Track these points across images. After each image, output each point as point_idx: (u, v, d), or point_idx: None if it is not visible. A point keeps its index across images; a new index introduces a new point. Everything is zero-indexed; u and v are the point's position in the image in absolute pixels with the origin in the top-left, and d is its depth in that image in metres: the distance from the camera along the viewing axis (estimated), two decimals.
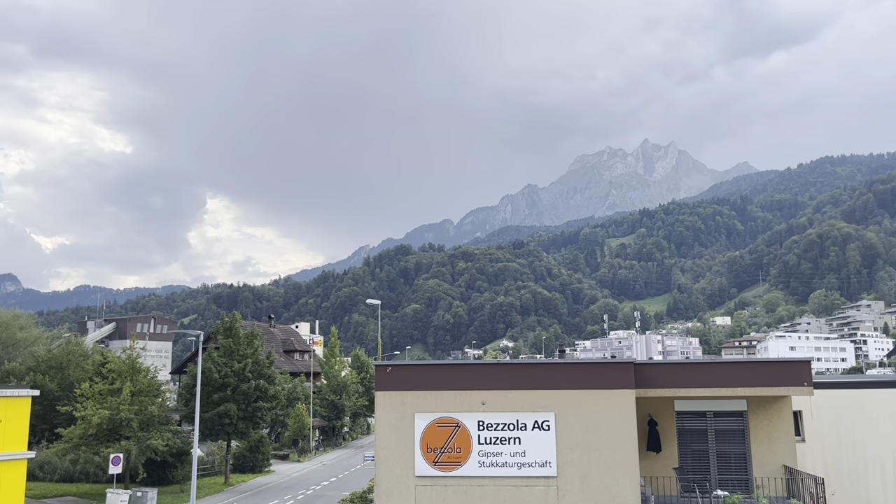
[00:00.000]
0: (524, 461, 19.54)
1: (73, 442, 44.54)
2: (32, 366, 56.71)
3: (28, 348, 62.03)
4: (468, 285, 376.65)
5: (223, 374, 50.11)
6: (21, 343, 62.32)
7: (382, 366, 20.92)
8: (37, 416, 44.88)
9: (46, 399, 48.79)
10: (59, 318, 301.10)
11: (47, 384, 51.91)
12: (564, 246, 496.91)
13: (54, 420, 50.34)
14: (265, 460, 59.69)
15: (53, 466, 52.35)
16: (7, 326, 62.73)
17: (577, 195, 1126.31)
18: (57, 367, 57.08)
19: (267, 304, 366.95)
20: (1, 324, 62.71)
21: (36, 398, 41.87)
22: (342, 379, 79.87)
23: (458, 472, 19.64)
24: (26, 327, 65.57)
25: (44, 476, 51.99)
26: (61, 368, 56.96)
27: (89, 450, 46.00)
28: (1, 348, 61.00)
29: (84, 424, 43.57)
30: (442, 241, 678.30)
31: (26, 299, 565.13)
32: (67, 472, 52.40)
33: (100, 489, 46.73)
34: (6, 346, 61.28)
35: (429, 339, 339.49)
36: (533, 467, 19.46)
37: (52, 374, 55.44)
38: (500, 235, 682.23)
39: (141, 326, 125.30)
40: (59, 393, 52.28)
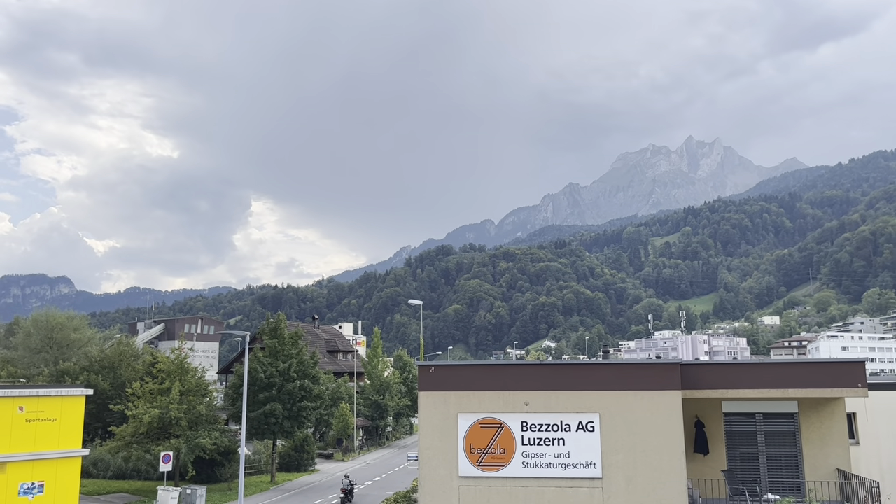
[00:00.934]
0: (568, 462, 19.38)
1: (125, 440, 45.70)
2: (86, 366, 58.42)
3: (82, 349, 63.85)
4: (510, 285, 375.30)
5: (269, 374, 50.82)
6: (75, 343, 64.18)
7: (425, 366, 20.97)
8: (90, 414, 46.19)
9: (99, 398, 50.17)
10: (111, 319, 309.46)
11: (100, 384, 53.40)
12: (607, 245, 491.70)
13: (107, 418, 51.76)
14: (310, 459, 60.37)
15: (107, 464, 53.68)
16: (62, 327, 64.70)
17: (619, 193, 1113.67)
18: (109, 366, 58.71)
19: (310, 305, 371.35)
20: (56, 325, 64.69)
21: (90, 397, 43.12)
22: (385, 379, 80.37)
23: (502, 473, 19.58)
24: (80, 328, 67.48)
25: (97, 473, 53.38)
26: (113, 368, 58.56)
27: (141, 448, 47.14)
28: (56, 349, 62.96)
29: (135, 423, 44.67)
30: (483, 241, 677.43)
31: (80, 301, 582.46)
32: (120, 470, 53.69)
33: (151, 486, 47.84)
34: (61, 347, 63.22)
35: (470, 340, 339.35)
36: (577, 468, 19.29)
37: (105, 374, 57.03)
38: (542, 235, 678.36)
39: (188, 327, 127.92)
40: (112, 392, 53.75)
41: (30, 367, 60.42)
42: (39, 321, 66.29)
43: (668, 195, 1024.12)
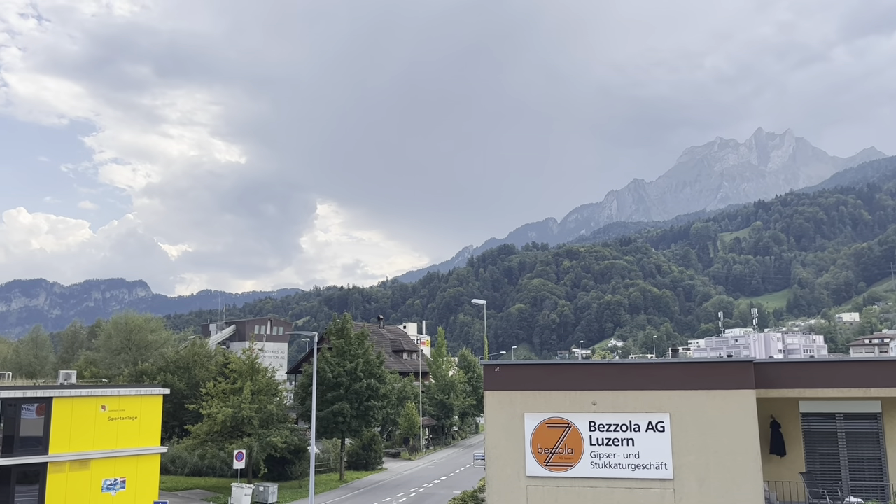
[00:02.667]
0: (638, 463, 19.05)
1: (200, 438, 47.21)
2: (163, 366, 60.69)
3: (158, 350, 66.37)
4: (574, 284, 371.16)
5: (336, 373, 51.68)
6: (152, 345, 66.76)
7: (490, 365, 20.94)
8: (168, 413, 47.88)
9: (176, 397, 52.03)
10: (185, 321, 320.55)
11: (176, 383, 55.38)
12: (674, 241, 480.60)
13: (183, 417, 53.60)
14: (377, 458, 61.11)
15: (183, 461, 55.55)
16: (140, 330, 67.40)
17: (686, 189, 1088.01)
18: (184, 367, 60.83)
19: (375, 306, 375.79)
20: (134, 327, 67.44)
21: (167, 396, 44.79)
22: (450, 378, 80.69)
23: (570, 473, 19.38)
24: (156, 330, 70.17)
25: (175, 470, 55.27)
26: (188, 369, 60.64)
27: (215, 446, 48.64)
28: (135, 350, 65.62)
29: (210, 422, 46.09)
30: (545, 239, 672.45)
31: (155, 304, 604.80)
32: (196, 467, 55.47)
33: (225, 483, 49.26)
34: (139, 348, 65.87)
35: (534, 339, 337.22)
36: (648, 469, 18.93)
37: (180, 374, 59.12)
38: (606, 232, 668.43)
39: (258, 328, 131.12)
40: (187, 392, 55.66)
41: (111, 368, 63.17)
42: (119, 324, 69.26)
43: (736, 189, 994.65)
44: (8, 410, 37.34)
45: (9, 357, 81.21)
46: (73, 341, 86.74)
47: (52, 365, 77.27)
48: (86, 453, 38.81)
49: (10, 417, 37.31)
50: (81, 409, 38.91)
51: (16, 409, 37.44)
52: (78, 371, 56.94)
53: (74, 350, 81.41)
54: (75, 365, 65.17)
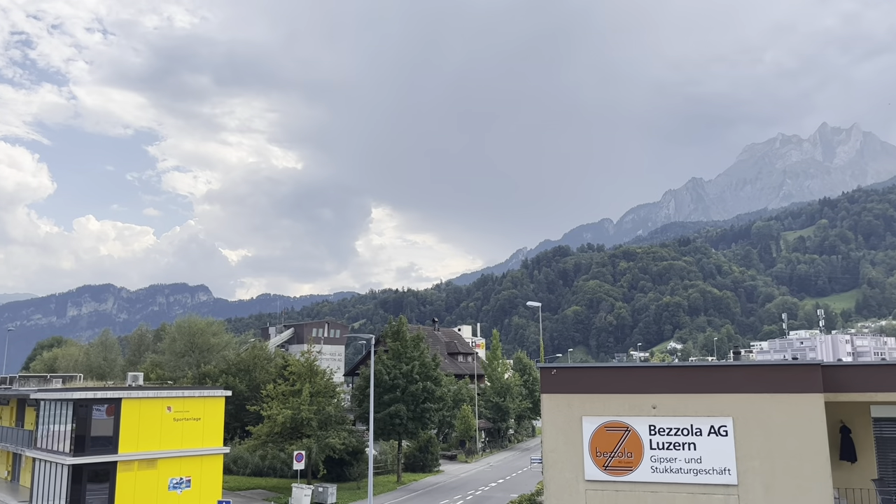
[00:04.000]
0: (700, 468, 18.61)
1: (261, 439, 48.17)
2: (224, 368, 62.16)
3: (220, 352, 67.97)
4: (631, 285, 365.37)
5: (392, 375, 52.06)
6: (214, 348, 68.42)
7: (547, 368, 20.77)
8: (229, 414, 49.03)
9: (237, 399, 53.21)
10: (245, 324, 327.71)
11: (237, 385, 56.65)
12: (735, 241, 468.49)
13: (244, 418, 54.79)
14: (434, 460, 61.28)
15: (245, 461, 56.75)
16: (202, 333, 69.16)
17: (746, 187, 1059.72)
18: (245, 369, 62.18)
19: (430, 308, 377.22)
20: (197, 330, 69.23)
21: (228, 398, 45.89)
22: (505, 381, 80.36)
23: (630, 478, 19.07)
24: (218, 333, 71.87)
25: (237, 470, 56.52)
26: (249, 371, 61.96)
27: (275, 447, 49.54)
28: (198, 352, 67.35)
29: (270, 423, 46.97)
30: (601, 240, 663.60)
31: (217, 308, 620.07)
32: (257, 467, 56.60)
33: (285, 483, 50.14)
34: (202, 351, 67.58)
35: (591, 342, 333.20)
36: (710, 474, 18.48)
37: (241, 377, 60.44)
38: (664, 233, 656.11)
39: (316, 331, 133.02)
40: (248, 393, 56.87)
41: (175, 370, 64.97)
42: (182, 327, 71.22)
43: (800, 186, 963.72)
44: (80, 411, 38.84)
45: (80, 359, 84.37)
46: (140, 344, 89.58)
47: (121, 367, 79.93)
48: (153, 453, 40.06)
49: (82, 418, 38.80)
50: (148, 409, 40.19)
51: (87, 410, 38.91)
52: (144, 373, 58.73)
53: (141, 353, 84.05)
54: (142, 367, 67.28)
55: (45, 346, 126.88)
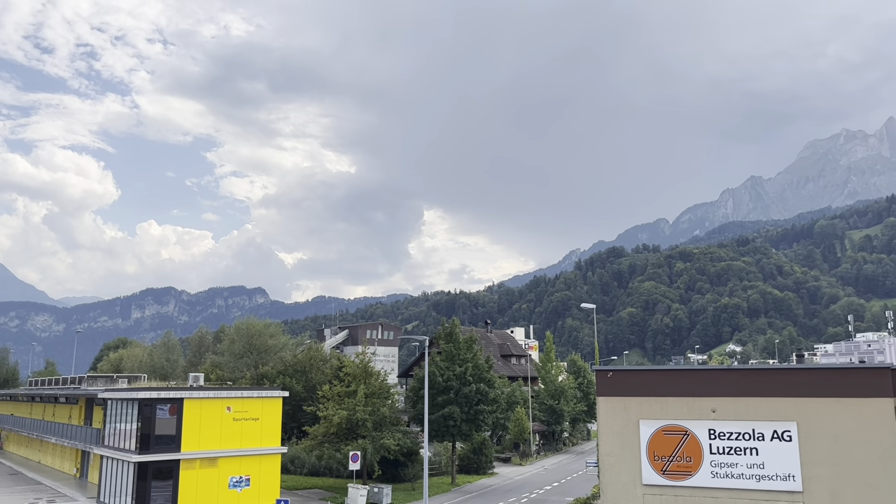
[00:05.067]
0: (763, 473, 18.13)
1: (317, 439, 48.83)
2: (282, 369, 63.27)
3: (277, 354, 69.25)
4: (688, 287, 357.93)
5: (446, 377, 52.15)
6: (272, 349, 69.75)
7: (603, 371, 20.55)
8: (287, 415, 49.82)
9: (294, 400, 54.06)
10: (301, 326, 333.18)
11: (294, 386, 57.56)
12: (796, 241, 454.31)
13: (301, 419, 55.64)
14: (488, 462, 61.16)
15: (302, 461, 57.63)
16: (260, 334, 70.60)
17: (808, 184, 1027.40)
18: (301, 370, 63.16)
19: (482, 310, 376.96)
20: (255, 332, 70.70)
21: (286, 399, 46.67)
22: (559, 384, 79.70)
23: (689, 483, 18.71)
24: (275, 335, 73.24)
25: (294, 469, 57.43)
26: (305, 372, 62.92)
27: (331, 447, 50.17)
28: (256, 354, 68.77)
29: (326, 423, 47.59)
30: (657, 241, 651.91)
31: (273, 310, 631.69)
32: (314, 467, 57.41)
33: (341, 483, 50.75)
34: (260, 352, 68.97)
35: (647, 344, 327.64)
36: (774, 481, 17.98)
37: (298, 378, 61.41)
38: (722, 232, 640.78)
39: (370, 333, 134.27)
40: (304, 394, 57.73)
41: (234, 371, 66.45)
42: (241, 329, 72.83)
43: (866, 183, 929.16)
44: (144, 410, 40.08)
45: (144, 360, 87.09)
46: (200, 345, 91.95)
47: (182, 368, 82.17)
48: (213, 452, 41.04)
49: (147, 417, 40.03)
50: (209, 409, 41.21)
51: (151, 410, 40.13)
52: (205, 374, 60.24)
53: (201, 354, 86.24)
54: (202, 368, 69.00)
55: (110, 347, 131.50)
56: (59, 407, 62.58)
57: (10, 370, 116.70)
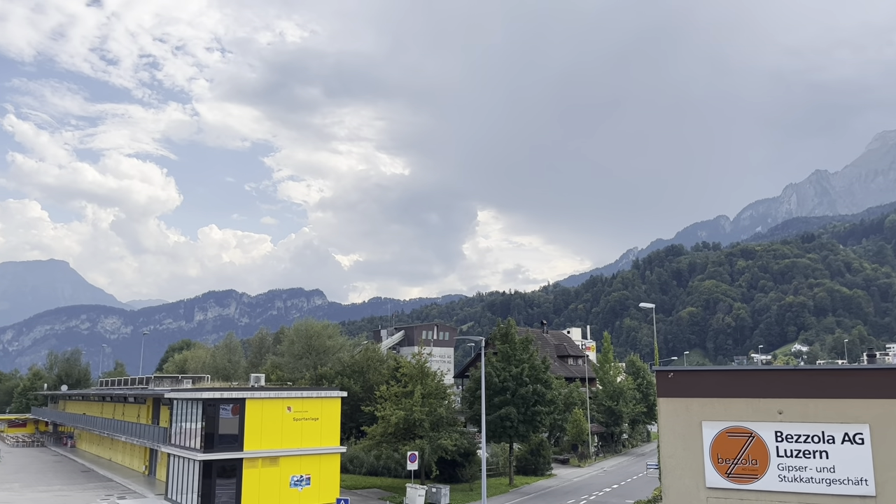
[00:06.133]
0: (833, 477, 17.48)
1: (375, 439, 49.31)
2: (340, 370, 64.15)
3: (335, 354, 70.25)
4: (750, 285, 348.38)
5: (502, 378, 51.99)
6: (330, 350, 70.80)
7: (663, 371, 20.15)
8: (345, 415, 50.46)
9: (352, 400, 54.76)
10: (357, 327, 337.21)
11: (352, 386, 58.29)
12: (865, 236, 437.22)
13: (359, 419, 56.30)
14: (546, 464, 60.72)
15: (361, 461, 58.25)
16: (318, 335, 71.75)
17: (878, 178, 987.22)
18: (359, 371, 63.90)
19: (538, 311, 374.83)
20: (313, 333, 71.88)
21: (344, 399, 47.29)
22: (618, 385, 78.56)
23: (755, 486, 18.17)
24: (333, 336, 74.32)
25: (353, 469, 58.09)
26: (362, 372, 63.64)
27: (389, 447, 50.60)
28: (314, 355, 69.90)
29: (384, 423, 48.00)
30: (717, 238, 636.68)
31: (331, 311, 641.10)
32: (372, 467, 57.96)
33: (400, 483, 51.10)
34: (318, 353, 70.09)
35: (708, 344, 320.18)
36: (845, 485, 17.32)
37: (356, 378, 62.16)
38: (785, 229, 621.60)
39: (426, 334, 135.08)
40: (362, 394, 58.41)
41: (294, 372, 67.69)
42: (300, 330, 74.17)
43: None
44: (208, 410, 41.16)
45: (207, 361, 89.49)
46: (261, 347, 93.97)
47: (244, 369, 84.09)
48: (275, 451, 41.87)
49: (211, 417, 41.10)
50: (270, 409, 42.06)
51: (215, 409, 41.18)
52: (265, 374, 61.55)
53: (262, 355, 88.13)
54: (263, 369, 70.49)
55: (175, 348, 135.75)
56: (128, 406, 64.82)
57: (83, 371, 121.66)
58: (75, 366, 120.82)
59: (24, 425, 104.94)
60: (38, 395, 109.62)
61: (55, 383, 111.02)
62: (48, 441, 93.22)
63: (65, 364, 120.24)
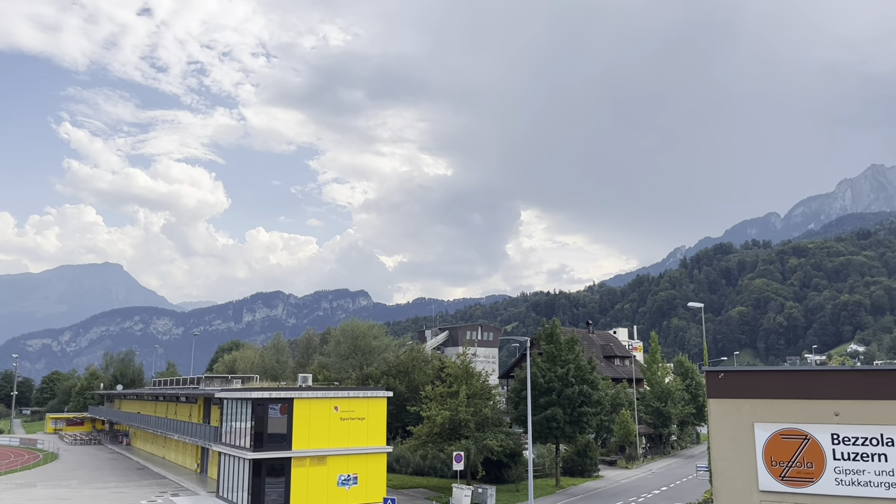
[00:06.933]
0: (893, 481, 16.93)
1: (421, 439, 49.47)
2: (385, 370, 64.56)
3: (381, 355, 70.72)
4: (802, 283, 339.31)
5: (547, 378, 51.66)
6: (375, 350, 71.31)
7: (713, 371, 19.78)
8: (391, 414, 50.74)
9: (398, 400, 55.03)
10: (402, 327, 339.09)
11: (397, 386, 58.60)
12: None
13: (405, 419, 56.57)
14: (593, 465, 60.12)
15: (407, 461, 58.51)
16: (364, 336, 72.34)
17: None
18: (404, 371, 64.21)
19: (583, 311, 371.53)
20: (359, 334, 72.50)
21: (390, 399, 47.55)
22: (666, 385, 77.31)
23: (811, 490, 17.70)
24: (378, 336, 74.83)
25: (400, 469, 58.38)
26: (408, 372, 63.93)
27: (435, 447, 50.72)
28: (360, 355, 70.50)
29: (429, 423, 48.13)
30: (767, 236, 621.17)
31: (376, 312, 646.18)
32: (418, 466, 58.15)
33: (446, 483, 51.18)
34: (364, 353, 70.66)
35: (759, 344, 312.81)
36: None
37: (401, 378, 62.47)
38: (839, 225, 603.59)
39: (470, 334, 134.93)
40: (407, 394, 58.67)
41: (340, 372, 68.38)
42: (346, 331, 74.88)
43: None
44: (258, 410, 41.85)
45: (255, 361, 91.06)
46: (308, 347, 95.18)
47: (291, 369, 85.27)
48: (322, 450, 42.35)
49: (260, 416, 41.78)
50: (318, 409, 42.57)
51: (264, 409, 41.85)
52: (313, 374, 62.30)
53: (309, 355, 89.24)
54: (310, 369, 71.40)
55: (225, 349, 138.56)
56: (180, 406, 66.34)
57: (137, 371, 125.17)
58: (130, 366, 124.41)
59: (82, 424, 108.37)
60: (94, 395, 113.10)
61: (111, 383, 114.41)
62: (105, 439, 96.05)
63: (120, 364, 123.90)
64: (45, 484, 53.78)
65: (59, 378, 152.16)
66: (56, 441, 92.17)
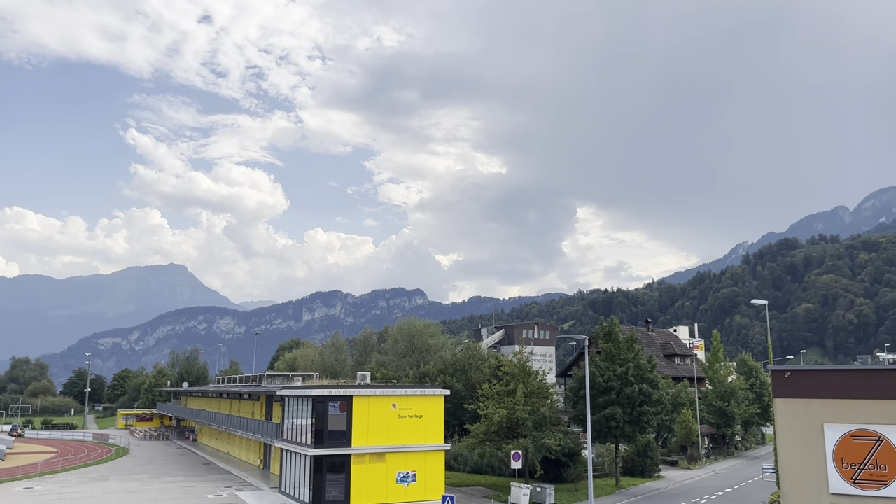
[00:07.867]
0: None
1: (478, 437, 49.53)
2: (442, 368, 64.86)
3: (437, 353, 71.12)
4: (873, 279, 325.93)
5: (606, 377, 51.04)
6: (432, 349, 71.75)
7: (780, 370, 19.24)
8: (448, 413, 50.95)
9: (455, 398, 55.21)
10: (458, 326, 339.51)
11: (454, 385, 58.79)
12: None
13: (462, 417, 56.72)
14: (654, 465, 59.15)
15: (465, 459, 58.65)
16: (420, 334, 72.88)
17: None
18: (460, 369, 64.38)
19: (642, 309, 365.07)
20: (416, 332, 73.06)
21: (447, 397, 47.74)
22: (729, 385, 75.43)
23: (885, 493, 17.06)
24: (435, 335, 75.29)
25: (457, 467, 58.56)
26: (464, 371, 64.08)
27: (493, 445, 50.68)
28: (417, 353, 71.04)
29: (487, 422, 48.16)
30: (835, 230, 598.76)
31: (432, 311, 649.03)
32: (476, 465, 58.23)
33: (504, 482, 51.11)
34: (421, 352, 71.18)
35: (827, 343, 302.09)
36: None
37: (458, 376, 62.65)
38: None
39: (526, 332, 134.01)
40: (464, 393, 58.80)
41: (397, 370, 69.06)
42: (403, 329, 75.58)
43: None
44: (318, 407, 42.59)
45: (315, 359, 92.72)
46: (366, 345, 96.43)
47: (350, 367, 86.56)
48: (381, 447, 42.81)
49: (320, 413, 42.52)
50: (376, 407, 43.05)
51: (324, 406, 42.57)
52: (371, 372, 63.07)
53: (367, 353, 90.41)
54: (368, 367, 72.31)
55: (285, 347, 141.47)
56: (243, 403, 68.02)
57: (201, 369, 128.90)
58: (195, 364, 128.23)
59: (151, 420, 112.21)
60: (162, 392, 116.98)
61: (177, 380, 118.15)
62: (172, 435, 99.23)
63: (185, 362, 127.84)
64: (117, 477, 55.90)
65: (128, 375, 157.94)
66: (127, 436, 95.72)
